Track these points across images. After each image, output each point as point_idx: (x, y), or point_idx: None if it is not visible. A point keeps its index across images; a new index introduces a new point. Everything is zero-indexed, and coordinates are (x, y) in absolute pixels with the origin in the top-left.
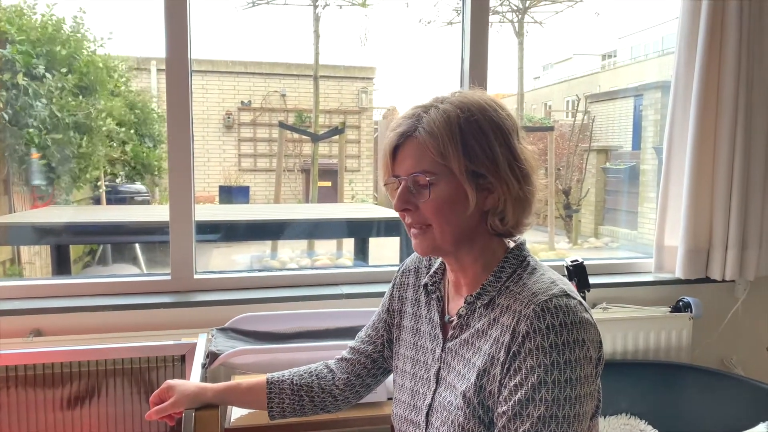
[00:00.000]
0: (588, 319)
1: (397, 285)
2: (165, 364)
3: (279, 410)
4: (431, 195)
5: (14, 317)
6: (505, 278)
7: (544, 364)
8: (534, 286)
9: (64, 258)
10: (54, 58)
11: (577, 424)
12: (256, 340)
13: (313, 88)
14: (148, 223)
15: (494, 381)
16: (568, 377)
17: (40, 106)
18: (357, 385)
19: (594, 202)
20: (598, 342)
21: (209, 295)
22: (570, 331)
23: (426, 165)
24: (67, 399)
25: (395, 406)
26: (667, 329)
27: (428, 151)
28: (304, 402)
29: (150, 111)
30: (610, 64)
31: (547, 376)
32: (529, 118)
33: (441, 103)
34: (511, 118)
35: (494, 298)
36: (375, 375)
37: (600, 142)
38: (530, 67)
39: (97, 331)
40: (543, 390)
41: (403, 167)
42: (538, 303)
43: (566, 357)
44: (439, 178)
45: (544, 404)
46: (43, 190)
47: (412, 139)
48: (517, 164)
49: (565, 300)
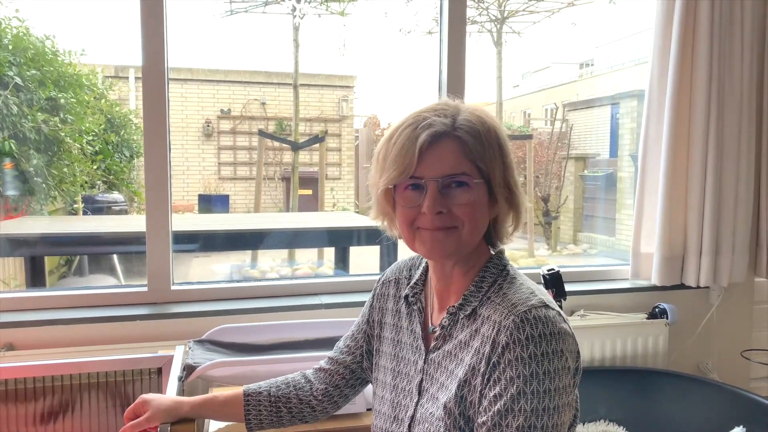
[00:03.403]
0: (566, 329)
1: (378, 296)
2: (141, 377)
3: (257, 422)
4: (471, 198)
5: None
6: (486, 288)
7: (524, 374)
8: (514, 296)
9: (39, 270)
10: (27, 70)
11: None
12: (234, 351)
13: (293, 96)
14: (126, 234)
15: (475, 391)
16: (546, 388)
17: (12, 115)
18: (335, 396)
19: (573, 209)
20: (576, 352)
21: (186, 307)
22: (549, 342)
23: (465, 167)
24: (40, 414)
25: (376, 418)
26: (644, 335)
27: (467, 154)
28: (282, 413)
29: (128, 121)
30: (588, 72)
31: (527, 386)
32: (508, 126)
33: (464, 112)
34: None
35: (476, 309)
36: (353, 385)
37: (578, 149)
38: (509, 76)
39: (72, 344)
40: (522, 400)
41: (436, 167)
42: (517, 314)
43: (545, 368)
44: (478, 183)
45: (523, 415)
46: (17, 200)
47: (450, 140)
48: (513, 176)
49: (544, 311)
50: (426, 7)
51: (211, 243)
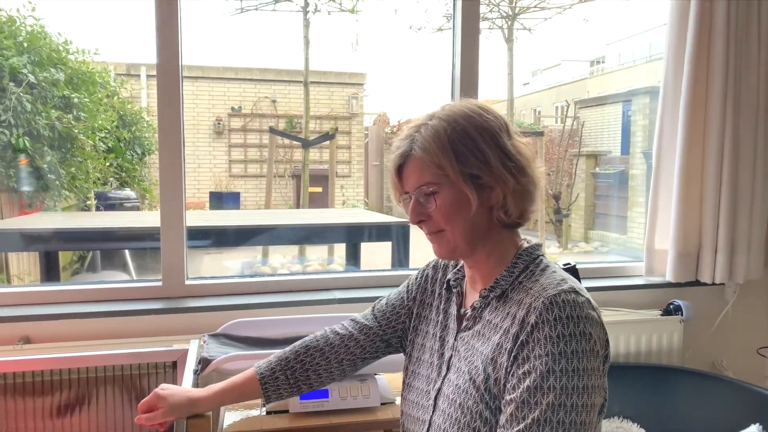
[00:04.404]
0: (594, 316)
1: (425, 276)
2: (156, 370)
3: (276, 396)
4: (438, 203)
5: (2, 324)
6: (518, 273)
7: (552, 353)
8: (545, 281)
9: (53, 265)
10: (41, 67)
11: (585, 414)
12: (248, 345)
13: (303, 93)
14: (138, 230)
15: (501, 369)
16: (575, 367)
17: (26, 113)
18: (356, 360)
19: (584, 206)
20: (604, 340)
21: (200, 301)
22: (577, 324)
23: (427, 178)
24: (56, 407)
25: (408, 393)
26: (658, 332)
27: (426, 166)
28: (300, 382)
29: (139, 119)
30: (599, 70)
31: (555, 364)
32: (518, 123)
33: (431, 119)
34: (499, 119)
35: (507, 292)
36: (377, 354)
37: (589, 147)
38: (520, 73)
39: (88, 338)
40: (551, 378)
41: (409, 184)
42: (547, 297)
43: (573, 347)
44: (441, 187)
45: (553, 392)
46: (31, 196)
47: (411, 158)
48: (509, 160)
49: (574, 296)
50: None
51: (223, 239)
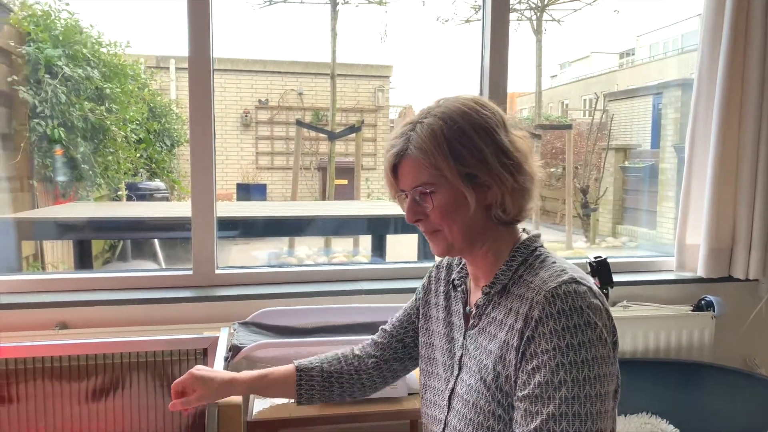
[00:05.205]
0: (597, 304)
1: (433, 278)
2: (187, 357)
3: (308, 397)
4: (434, 203)
5: (41, 310)
6: (516, 266)
7: (559, 346)
8: (545, 274)
9: (86, 253)
10: (76, 60)
11: (600, 403)
12: (277, 334)
13: (330, 86)
14: (168, 219)
15: (510, 366)
16: (584, 358)
17: (61, 104)
18: (385, 370)
19: (612, 201)
20: (611, 326)
21: (230, 290)
22: (581, 315)
23: (424, 178)
24: (91, 391)
25: (425, 392)
26: (689, 328)
27: (422, 165)
28: (333, 388)
29: (169, 111)
30: (628, 62)
31: (564, 358)
32: (546, 116)
33: (426, 117)
34: (496, 115)
35: (508, 287)
36: (402, 360)
37: (618, 140)
38: (548, 66)
39: (121, 324)
40: (562, 372)
41: (405, 183)
42: (548, 290)
43: (580, 339)
44: (438, 187)
45: (565, 385)
46: (66, 186)
47: (407, 158)
48: (507, 158)
49: (575, 286)
50: None
51: (250, 230)
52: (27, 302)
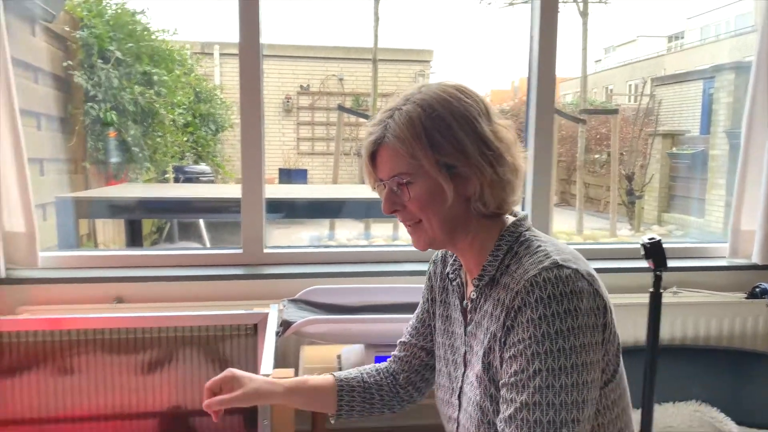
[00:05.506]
0: (582, 287)
1: (431, 275)
2: (238, 332)
3: (348, 409)
4: (411, 194)
5: (100, 284)
6: (503, 256)
7: (535, 335)
8: (527, 262)
9: (137, 233)
10: (125, 45)
11: (577, 393)
12: (325, 311)
13: (371, 71)
14: (216, 200)
15: (496, 358)
16: (561, 347)
17: (113, 88)
18: (417, 381)
19: (658, 188)
20: (598, 308)
21: (278, 269)
22: (560, 302)
23: (401, 167)
24: (145, 364)
25: (438, 391)
26: (742, 316)
27: (399, 154)
28: (375, 400)
29: (214, 96)
30: (677, 45)
31: (539, 347)
32: (590, 102)
33: (405, 104)
34: (479, 103)
35: (496, 278)
36: (432, 368)
37: (666, 126)
38: (591, 50)
39: (174, 300)
40: (537, 361)
41: (383, 172)
42: (527, 278)
43: (557, 327)
44: (415, 177)
45: (540, 375)
46: (117, 168)
47: (384, 146)
48: (487, 149)
49: (556, 271)
50: None
51: (294, 211)
52: (87, 277)
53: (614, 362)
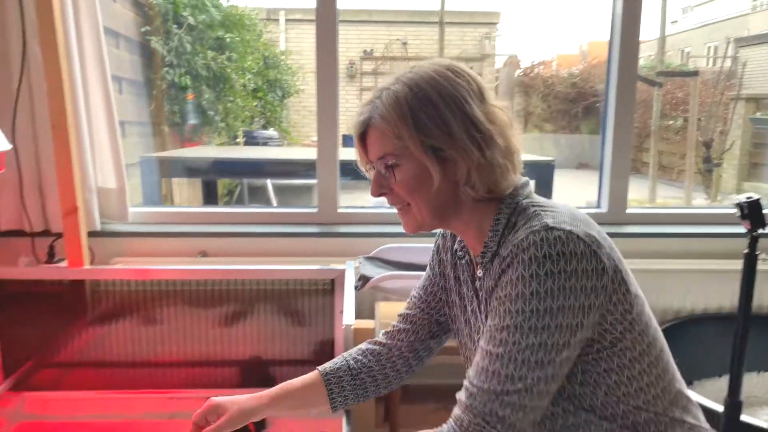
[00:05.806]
0: (572, 249)
1: (439, 248)
2: (316, 287)
3: (341, 399)
4: (397, 176)
5: (186, 239)
6: (502, 230)
7: (510, 294)
8: (522, 227)
9: (213, 193)
10: (199, 10)
11: (544, 353)
12: (399, 269)
13: (438, 34)
14: (288, 161)
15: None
16: (534, 307)
17: (187, 53)
18: (420, 350)
19: (738, 155)
20: (594, 270)
21: (351, 228)
22: (541, 264)
23: (387, 148)
24: (225, 316)
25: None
26: None
27: (386, 135)
28: (367, 384)
29: (280, 62)
30: (763, 4)
31: (512, 305)
32: (667, 65)
33: (395, 83)
34: (471, 83)
35: (498, 252)
36: (438, 336)
37: (749, 89)
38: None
39: (254, 254)
40: (508, 318)
41: (372, 153)
42: (516, 244)
43: (533, 288)
44: (401, 159)
45: (507, 330)
46: (193, 131)
47: (372, 127)
48: (477, 131)
49: (543, 233)
50: None
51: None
52: (174, 231)
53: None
